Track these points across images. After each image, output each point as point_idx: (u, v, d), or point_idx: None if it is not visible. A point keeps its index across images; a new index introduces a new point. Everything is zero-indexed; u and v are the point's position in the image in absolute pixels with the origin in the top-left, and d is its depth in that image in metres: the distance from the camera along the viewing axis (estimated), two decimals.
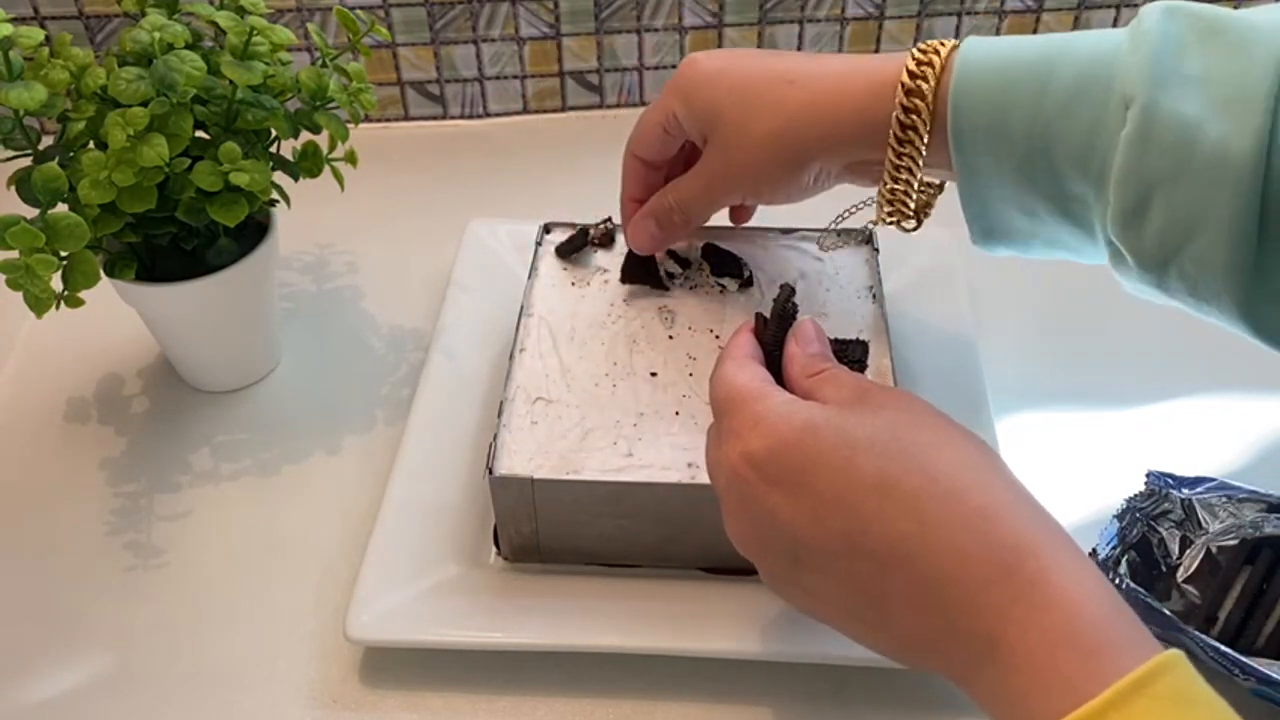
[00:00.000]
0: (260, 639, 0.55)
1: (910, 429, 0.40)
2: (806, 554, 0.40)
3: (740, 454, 0.42)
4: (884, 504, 0.38)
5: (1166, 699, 0.32)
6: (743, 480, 0.41)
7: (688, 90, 0.54)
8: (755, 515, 0.41)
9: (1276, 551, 0.52)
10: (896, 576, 0.38)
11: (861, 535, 0.38)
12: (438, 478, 0.58)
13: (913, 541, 0.38)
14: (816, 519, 0.39)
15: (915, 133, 0.48)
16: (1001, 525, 0.37)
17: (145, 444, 0.64)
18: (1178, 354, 0.67)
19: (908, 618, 0.38)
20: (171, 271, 0.60)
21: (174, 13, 0.57)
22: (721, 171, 0.54)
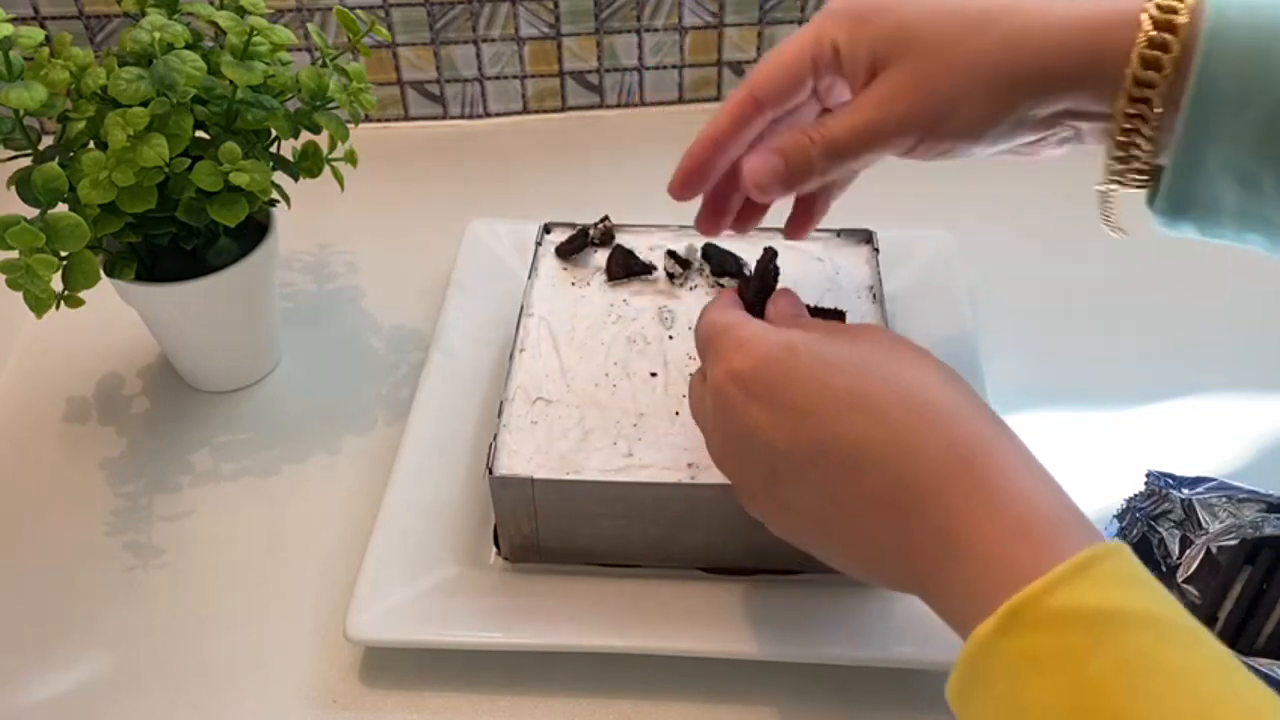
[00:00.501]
0: (260, 639, 0.55)
1: (882, 353, 0.43)
2: (783, 465, 0.42)
3: (725, 372, 0.44)
4: (854, 414, 0.40)
5: (1107, 580, 0.34)
6: (726, 397, 0.43)
7: (862, 12, 0.46)
8: (737, 431, 0.43)
9: (1276, 551, 0.52)
10: (865, 480, 0.40)
11: (834, 443, 0.40)
12: (438, 478, 0.58)
13: (879, 445, 0.40)
14: (793, 430, 0.41)
15: (1157, 73, 0.42)
16: (960, 425, 0.40)
17: (145, 444, 0.64)
18: (1178, 354, 0.67)
19: (875, 521, 0.40)
20: (171, 271, 0.60)
21: (174, 13, 0.57)
22: (903, 102, 0.45)
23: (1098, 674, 0.32)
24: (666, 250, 0.63)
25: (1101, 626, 0.33)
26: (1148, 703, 0.31)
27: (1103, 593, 0.34)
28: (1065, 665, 0.33)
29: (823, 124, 0.47)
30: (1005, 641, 0.34)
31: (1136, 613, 0.33)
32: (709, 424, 0.46)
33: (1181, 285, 0.72)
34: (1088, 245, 0.75)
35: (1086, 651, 0.33)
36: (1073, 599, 0.34)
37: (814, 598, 0.53)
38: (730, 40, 0.84)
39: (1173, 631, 0.33)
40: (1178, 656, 0.32)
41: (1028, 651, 0.34)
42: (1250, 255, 0.60)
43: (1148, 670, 0.32)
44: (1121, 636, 0.33)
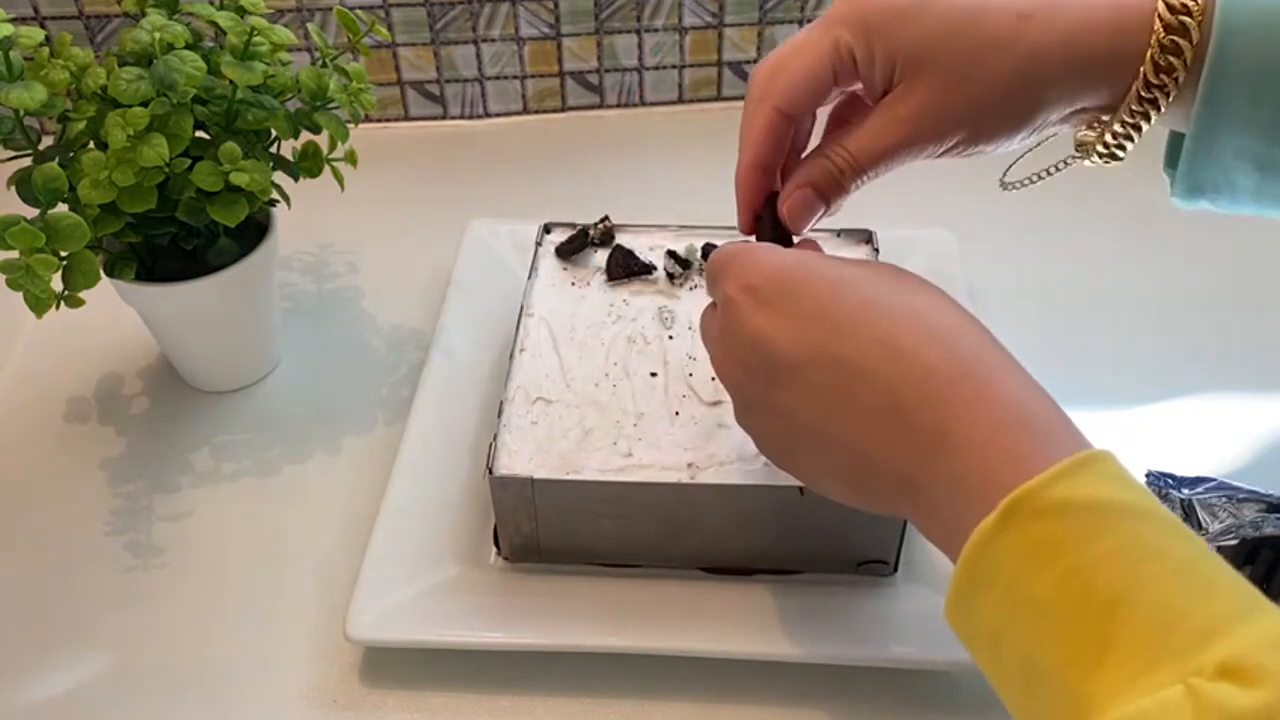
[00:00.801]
0: (260, 639, 0.55)
1: (892, 276, 0.44)
2: (783, 369, 0.42)
3: (737, 286, 0.44)
4: (860, 318, 0.42)
5: (1103, 476, 0.35)
6: (736, 307, 0.44)
7: (876, 22, 0.45)
8: (742, 337, 0.44)
9: (1276, 551, 0.52)
10: (863, 386, 0.40)
11: (837, 344, 0.41)
12: (438, 478, 0.58)
13: (882, 349, 0.40)
14: (797, 332, 0.42)
15: (1168, 74, 0.43)
16: (964, 340, 0.41)
17: (145, 444, 0.64)
18: (1178, 354, 0.67)
19: (869, 427, 0.40)
20: (171, 271, 0.60)
21: (174, 13, 0.57)
22: (924, 121, 0.46)
23: (1099, 558, 0.33)
24: (666, 250, 0.63)
25: (1101, 516, 0.34)
26: (1149, 585, 0.32)
27: (1100, 486, 0.35)
28: (1066, 552, 0.33)
29: (845, 146, 0.47)
30: (1006, 534, 0.35)
31: (1132, 505, 0.34)
32: (715, 337, 0.46)
33: (1182, 285, 0.72)
34: (1088, 245, 0.75)
35: (1087, 539, 0.34)
36: (1073, 490, 0.34)
37: (814, 598, 0.53)
38: (730, 40, 0.84)
39: (1165, 523, 0.34)
40: (1171, 545, 0.34)
41: (1030, 541, 0.34)
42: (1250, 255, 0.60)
43: (1145, 555, 0.33)
44: (1119, 525, 0.34)
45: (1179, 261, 0.73)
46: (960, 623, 0.38)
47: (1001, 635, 0.35)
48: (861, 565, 0.54)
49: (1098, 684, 0.32)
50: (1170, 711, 0.30)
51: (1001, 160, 0.50)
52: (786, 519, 0.52)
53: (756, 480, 0.51)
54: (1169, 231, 0.74)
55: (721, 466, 0.52)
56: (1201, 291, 0.71)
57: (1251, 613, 0.32)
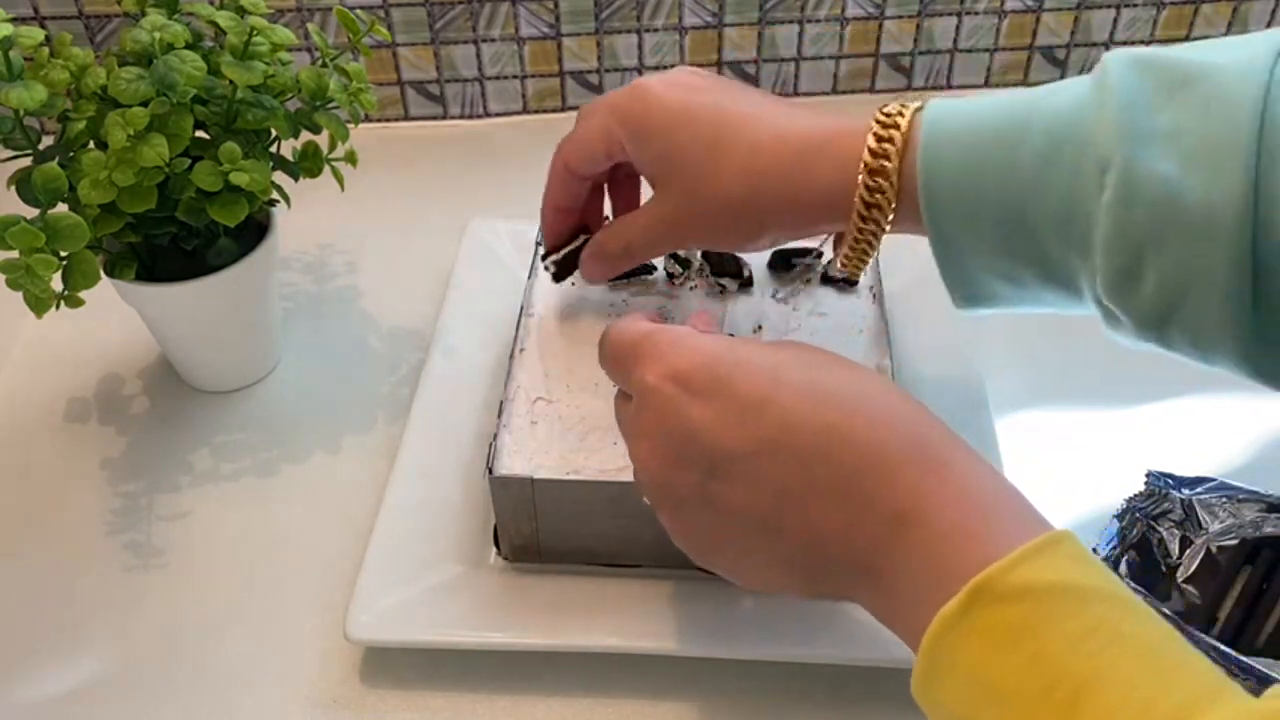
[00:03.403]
0: (260, 639, 0.55)
1: (828, 361, 0.43)
2: (724, 461, 0.40)
3: (661, 372, 0.42)
4: (808, 402, 0.40)
5: (1065, 559, 0.35)
6: (663, 397, 0.42)
7: (641, 128, 0.51)
8: (673, 430, 0.42)
9: (1276, 551, 0.52)
10: (818, 469, 0.39)
11: (786, 433, 0.40)
12: (438, 478, 0.58)
13: (837, 433, 0.39)
14: (741, 423, 0.40)
15: (879, 210, 0.47)
16: (915, 424, 0.40)
17: (145, 444, 0.64)
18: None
19: (824, 510, 0.39)
20: (171, 271, 0.60)
21: (174, 13, 0.57)
22: (675, 224, 0.52)
23: (1063, 644, 0.33)
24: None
25: (1064, 599, 0.34)
26: (1114, 671, 0.32)
27: (1062, 570, 0.34)
28: (1030, 638, 0.33)
29: (622, 235, 0.54)
30: (968, 620, 0.34)
31: (1095, 588, 0.34)
32: (638, 423, 0.44)
33: None
34: None
35: (1050, 623, 0.33)
36: (1034, 575, 0.34)
37: None
38: (730, 40, 0.84)
39: (1128, 605, 0.34)
40: (1135, 628, 0.33)
41: (992, 626, 0.34)
42: None
43: (1110, 640, 0.33)
44: (1083, 609, 0.34)
45: None
46: (926, 704, 0.37)
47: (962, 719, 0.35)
48: None
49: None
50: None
51: None
52: None
53: None
54: None
55: None
56: None
57: (1217, 696, 0.32)
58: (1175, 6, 0.85)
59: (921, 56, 0.86)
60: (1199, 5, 0.85)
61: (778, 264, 0.62)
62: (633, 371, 0.44)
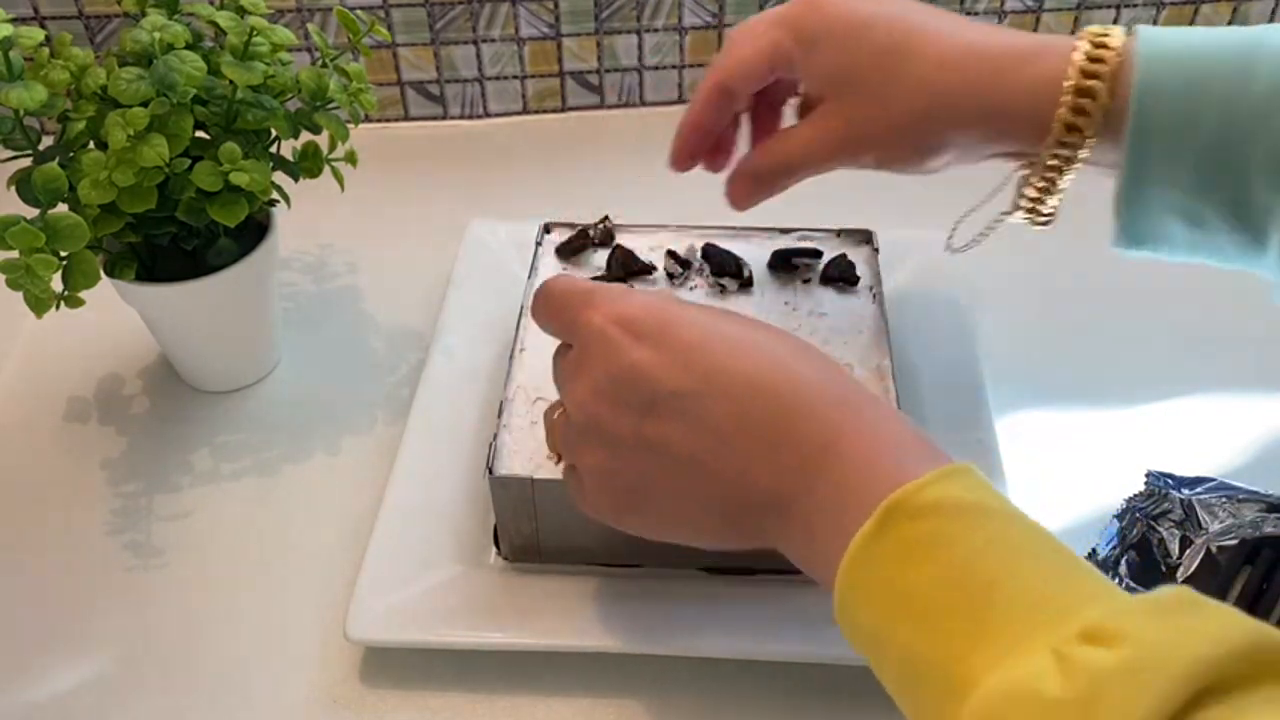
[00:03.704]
0: (260, 639, 0.55)
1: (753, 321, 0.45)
2: (663, 400, 0.42)
3: (608, 315, 0.43)
4: (744, 348, 0.42)
5: (971, 483, 0.37)
6: (608, 339, 0.43)
7: (817, 37, 0.49)
8: (615, 370, 0.43)
9: (1276, 551, 0.52)
10: (751, 409, 0.41)
11: (723, 374, 0.42)
12: (438, 478, 0.58)
13: (769, 377, 0.41)
14: (683, 364, 0.42)
15: (1078, 134, 0.45)
16: (835, 373, 0.43)
17: (145, 444, 0.64)
18: (1178, 354, 0.67)
19: (753, 448, 0.41)
20: (171, 271, 0.60)
21: (174, 13, 0.57)
22: (846, 139, 0.50)
23: (970, 552, 0.35)
24: (666, 250, 0.63)
25: (971, 515, 0.36)
26: (1016, 574, 0.35)
27: (967, 491, 0.37)
28: (941, 547, 0.36)
29: (781, 149, 0.52)
30: (883, 536, 0.37)
31: (997, 507, 0.37)
32: (580, 370, 0.44)
33: (1182, 285, 0.72)
34: (1087, 245, 0.75)
35: (959, 535, 0.36)
36: (943, 493, 0.37)
37: (814, 598, 0.53)
38: None
39: (1026, 523, 0.37)
40: (1033, 541, 0.36)
41: (905, 540, 0.36)
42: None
43: (1012, 550, 0.36)
44: (988, 523, 0.36)
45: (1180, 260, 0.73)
46: (846, 628, 0.39)
47: (882, 636, 0.37)
48: None
49: (974, 664, 0.33)
50: (1039, 676, 0.31)
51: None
52: None
53: None
54: None
55: None
56: (1202, 291, 0.71)
57: (1108, 592, 0.34)
58: (1175, 6, 0.85)
59: None
60: (1199, 5, 0.85)
61: (778, 264, 0.62)
62: (578, 316, 0.45)
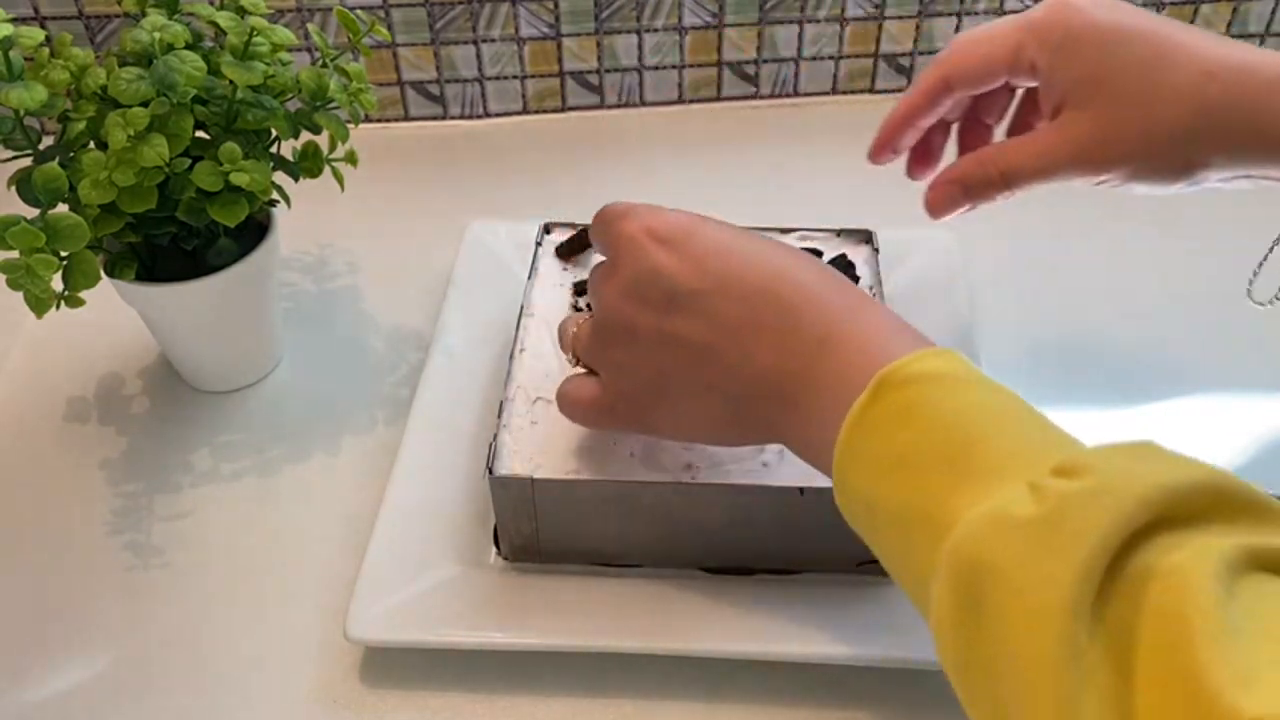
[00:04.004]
0: (260, 639, 0.55)
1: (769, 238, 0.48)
2: (683, 297, 0.45)
3: (639, 225, 0.47)
4: (758, 254, 0.46)
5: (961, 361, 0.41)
6: (638, 244, 0.47)
7: (1067, 44, 0.48)
8: (641, 271, 0.46)
9: None
10: (763, 306, 0.44)
11: (739, 274, 0.45)
12: (438, 478, 0.58)
13: (779, 278, 0.45)
14: (699, 266, 0.45)
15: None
16: (837, 276, 0.46)
17: (145, 444, 0.64)
18: (1178, 354, 0.67)
19: (765, 341, 0.44)
20: (171, 271, 0.60)
21: (174, 13, 0.57)
22: (1089, 150, 0.48)
23: (954, 412, 0.38)
24: None
25: (952, 381, 0.39)
26: (997, 429, 0.38)
27: (950, 364, 0.40)
28: (925, 409, 0.39)
29: (1004, 156, 0.50)
30: (875, 406, 0.40)
31: (978, 378, 0.40)
32: (610, 273, 0.48)
33: (1181, 285, 0.72)
34: (1088, 245, 0.75)
35: (941, 398, 0.39)
36: (929, 366, 0.40)
37: (814, 597, 0.53)
38: (730, 40, 0.84)
39: (1005, 392, 0.40)
40: (1013, 404, 0.39)
41: (894, 406, 0.39)
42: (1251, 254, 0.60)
43: (993, 411, 0.39)
44: (968, 388, 0.39)
45: (1179, 261, 0.74)
46: (845, 504, 0.42)
47: (876, 501, 0.39)
48: (861, 565, 0.54)
49: (957, 505, 0.36)
50: (1014, 503, 0.34)
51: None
52: (786, 519, 0.52)
53: (756, 480, 0.51)
54: (1170, 231, 0.74)
55: (721, 467, 0.52)
56: (1202, 291, 0.71)
57: (1078, 442, 0.38)
58: (1175, 6, 0.85)
59: (922, 56, 0.86)
60: (1199, 5, 0.85)
61: None
62: (615, 226, 0.48)
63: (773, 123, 0.87)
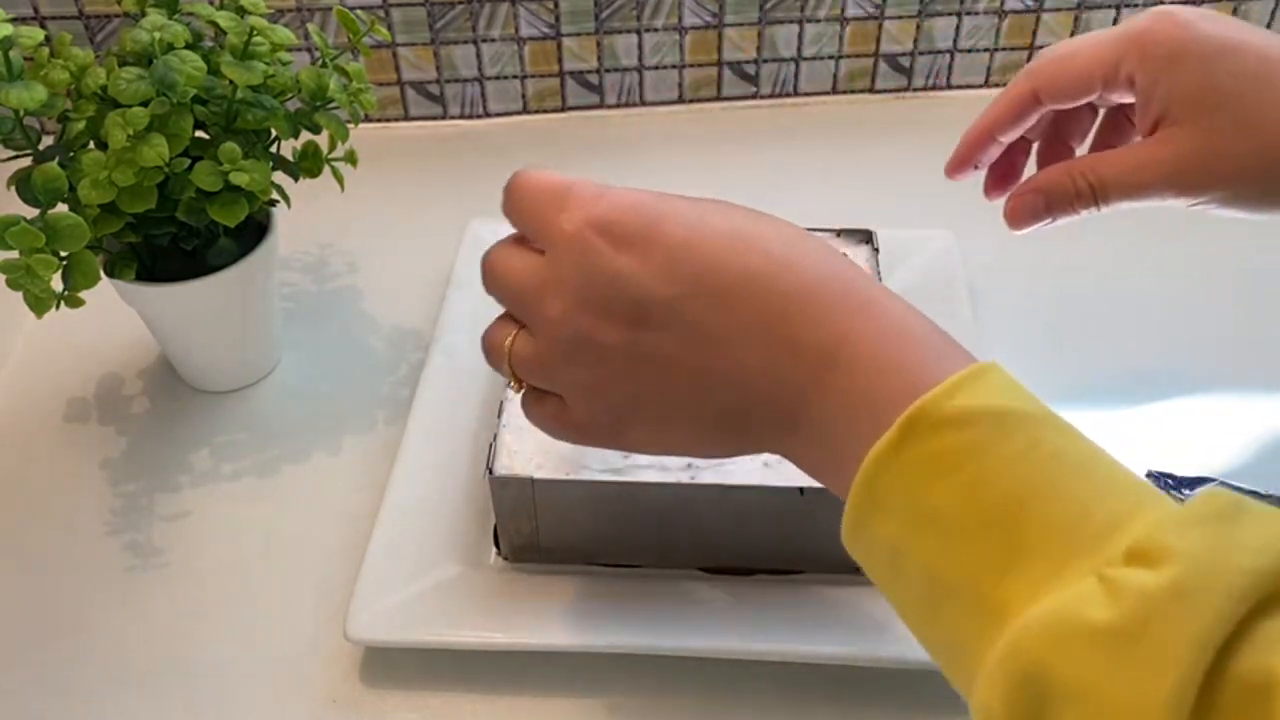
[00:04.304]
0: (260, 639, 0.55)
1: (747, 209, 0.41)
2: (652, 307, 0.39)
3: (584, 220, 0.39)
4: (735, 243, 0.39)
5: (998, 386, 0.35)
6: (588, 246, 0.39)
7: (1173, 55, 0.45)
8: (598, 280, 0.39)
9: None
10: (746, 309, 0.38)
11: (713, 273, 0.38)
12: (438, 478, 0.58)
13: (764, 273, 0.38)
14: (667, 267, 0.39)
15: None
16: (837, 262, 0.40)
17: (145, 444, 0.64)
18: (1178, 354, 0.67)
19: (752, 353, 0.38)
20: (171, 271, 0.60)
21: (174, 13, 0.57)
22: (1195, 166, 0.45)
23: (1001, 464, 0.33)
24: None
25: (999, 423, 0.34)
26: (1051, 486, 0.32)
27: (994, 395, 0.34)
28: (968, 461, 0.33)
29: (1094, 169, 0.47)
30: (906, 450, 0.34)
31: (1028, 411, 0.34)
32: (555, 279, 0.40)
33: (1181, 285, 0.72)
34: (1088, 245, 0.75)
35: (987, 446, 0.33)
36: (968, 401, 0.34)
37: (814, 597, 0.53)
38: (730, 40, 0.84)
39: (1060, 427, 0.34)
40: (1069, 446, 0.34)
41: (930, 454, 0.34)
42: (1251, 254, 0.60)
43: (1046, 459, 0.33)
44: (1017, 431, 0.33)
45: (1179, 261, 0.73)
46: (858, 547, 0.36)
47: (902, 552, 0.34)
48: None
49: (1009, 590, 0.32)
50: (1085, 601, 0.30)
51: None
52: (786, 519, 0.52)
53: (756, 480, 0.51)
54: (1169, 231, 0.74)
55: (721, 466, 0.52)
56: (1202, 291, 0.71)
57: (1150, 502, 0.32)
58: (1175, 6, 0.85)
59: (921, 57, 0.86)
60: (1198, 6, 0.85)
61: None
62: (552, 219, 0.41)
63: (773, 123, 0.87)
